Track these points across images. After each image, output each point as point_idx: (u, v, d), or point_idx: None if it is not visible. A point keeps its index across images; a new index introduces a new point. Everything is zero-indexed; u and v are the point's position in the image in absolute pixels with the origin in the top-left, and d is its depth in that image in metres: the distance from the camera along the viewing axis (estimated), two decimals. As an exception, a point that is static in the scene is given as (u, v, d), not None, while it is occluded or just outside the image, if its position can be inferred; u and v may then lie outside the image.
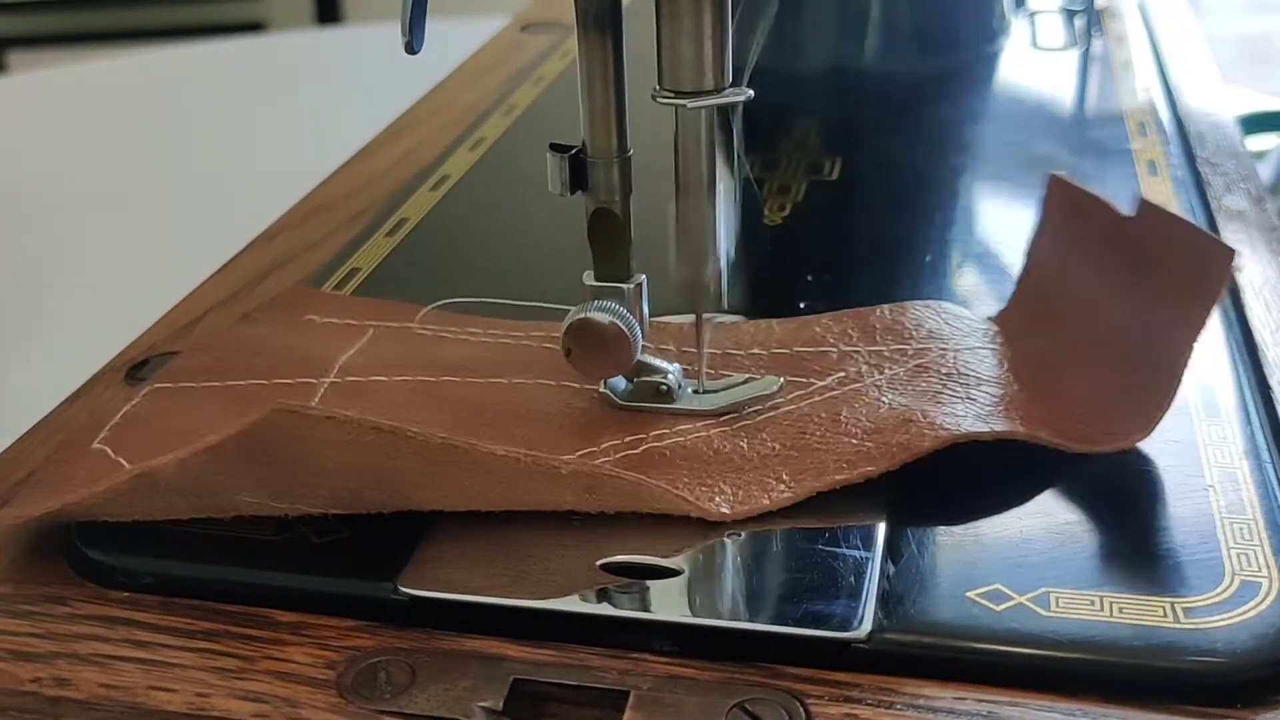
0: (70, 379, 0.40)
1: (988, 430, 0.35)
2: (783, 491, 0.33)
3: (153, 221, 0.77)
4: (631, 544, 0.32)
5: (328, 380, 0.38)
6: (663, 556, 0.32)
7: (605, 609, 0.31)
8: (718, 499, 0.33)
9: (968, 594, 0.30)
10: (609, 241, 0.36)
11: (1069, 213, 0.39)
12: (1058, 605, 0.30)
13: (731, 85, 0.34)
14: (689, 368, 0.37)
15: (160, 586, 0.32)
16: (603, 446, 0.35)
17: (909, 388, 0.37)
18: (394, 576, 0.31)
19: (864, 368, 0.38)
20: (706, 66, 0.33)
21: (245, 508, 0.33)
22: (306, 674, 0.30)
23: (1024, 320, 0.39)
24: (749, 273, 0.47)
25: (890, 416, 0.35)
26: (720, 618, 0.30)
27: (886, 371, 0.38)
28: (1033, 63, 0.67)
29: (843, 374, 0.38)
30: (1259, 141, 0.69)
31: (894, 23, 0.65)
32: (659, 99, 0.34)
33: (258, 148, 0.88)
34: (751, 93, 0.34)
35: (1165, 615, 0.29)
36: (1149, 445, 0.35)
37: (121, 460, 0.35)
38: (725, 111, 0.35)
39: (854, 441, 0.35)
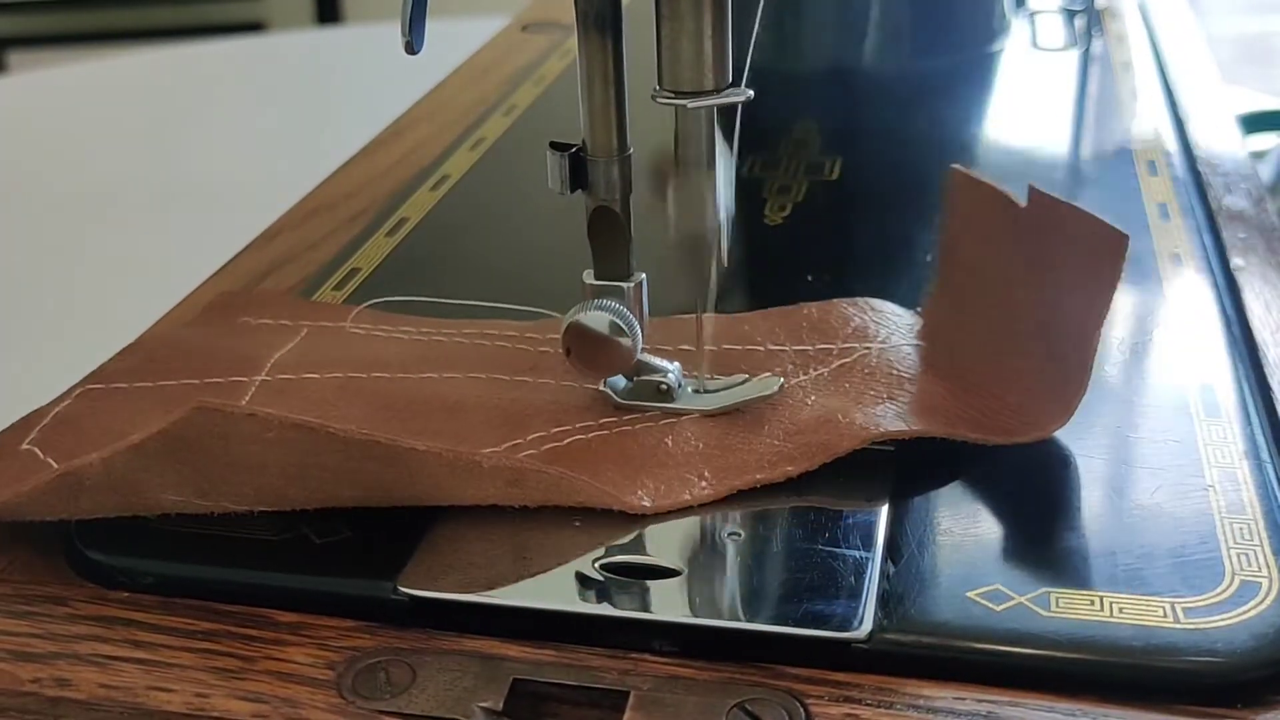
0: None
1: (906, 429, 0.35)
2: (704, 489, 0.34)
3: (153, 221, 0.77)
4: (632, 544, 0.32)
5: (259, 379, 0.38)
6: (664, 557, 0.32)
7: (605, 609, 0.31)
8: (639, 493, 0.33)
9: (968, 594, 0.30)
10: (609, 240, 0.36)
11: (972, 204, 0.39)
12: (1058, 605, 0.30)
13: (731, 85, 0.34)
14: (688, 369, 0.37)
15: (160, 586, 0.32)
16: (529, 438, 0.35)
17: (832, 387, 0.37)
18: (394, 576, 0.31)
19: (789, 367, 0.38)
20: (706, 66, 0.33)
21: (171, 506, 0.33)
22: (306, 674, 0.30)
23: (945, 313, 0.40)
24: (749, 273, 0.47)
25: (811, 418, 0.36)
26: (720, 618, 0.30)
27: (811, 372, 0.38)
28: (1033, 63, 0.67)
29: (768, 374, 0.38)
30: (1259, 141, 0.69)
31: (894, 23, 0.65)
32: (659, 99, 0.34)
33: (258, 148, 0.88)
34: (751, 93, 0.34)
35: (1165, 615, 0.29)
36: (1149, 445, 0.35)
37: (50, 460, 0.35)
38: (726, 111, 0.35)
39: (775, 442, 0.35)
